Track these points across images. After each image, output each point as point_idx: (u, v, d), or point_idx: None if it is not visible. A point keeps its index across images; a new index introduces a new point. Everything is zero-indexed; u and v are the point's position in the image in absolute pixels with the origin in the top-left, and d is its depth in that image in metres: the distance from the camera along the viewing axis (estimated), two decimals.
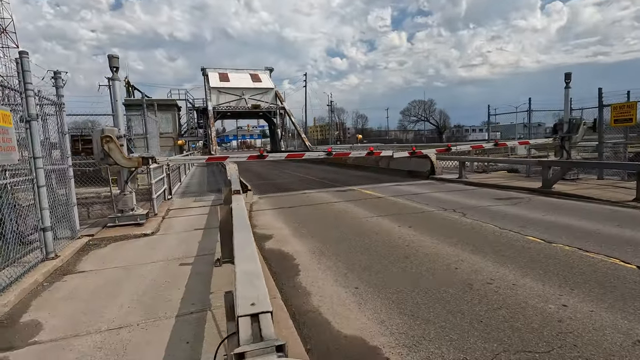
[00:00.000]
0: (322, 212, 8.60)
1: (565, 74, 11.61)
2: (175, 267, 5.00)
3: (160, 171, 10.40)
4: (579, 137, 11.38)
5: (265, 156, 8.21)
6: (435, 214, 7.78)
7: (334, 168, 21.38)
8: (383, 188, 12.21)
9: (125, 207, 7.39)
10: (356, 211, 8.45)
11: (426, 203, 9.11)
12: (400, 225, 6.90)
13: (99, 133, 6.92)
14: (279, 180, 16.28)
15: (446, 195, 10.31)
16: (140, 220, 7.47)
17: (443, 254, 5.17)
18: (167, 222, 7.89)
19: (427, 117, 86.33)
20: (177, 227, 7.44)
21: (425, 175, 14.63)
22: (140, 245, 6.18)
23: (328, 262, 5.07)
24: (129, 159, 7.11)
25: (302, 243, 6.08)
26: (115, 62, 7.21)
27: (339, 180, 15.23)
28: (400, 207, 8.70)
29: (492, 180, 12.66)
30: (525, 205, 8.40)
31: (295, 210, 8.92)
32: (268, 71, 46.57)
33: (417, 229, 6.58)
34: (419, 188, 11.87)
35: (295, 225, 7.41)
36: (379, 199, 10.02)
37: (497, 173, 14.98)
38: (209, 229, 7.17)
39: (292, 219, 8.01)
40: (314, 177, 16.80)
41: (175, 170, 14.63)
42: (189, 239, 6.44)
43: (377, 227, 6.84)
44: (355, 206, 9.09)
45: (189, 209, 9.50)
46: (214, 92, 40.55)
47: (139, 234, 6.78)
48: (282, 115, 42.92)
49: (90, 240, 6.43)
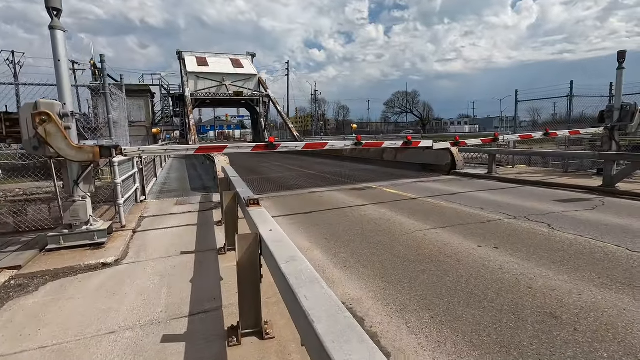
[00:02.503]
0: (353, 220, 6.47)
1: (618, 53, 9.87)
2: (154, 346, 2.76)
3: (130, 165, 7.95)
4: (635, 126, 9.72)
5: (276, 146, 5.97)
6: (511, 226, 5.81)
7: (330, 160, 19.23)
8: (405, 185, 10.20)
9: (76, 219, 5.00)
10: (398, 220, 6.37)
11: (479, 207, 7.15)
12: (479, 245, 4.88)
13: (29, 108, 4.48)
14: (274, 175, 13.98)
15: (492, 195, 8.39)
16: (99, 238, 5.10)
17: (606, 307, 3.17)
18: (140, 240, 5.55)
19: (411, 108, 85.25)
20: (154, 248, 5.12)
21: (446, 169, 12.74)
22: (95, 287, 3.86)
23: (426, 331, 2.95)
24: (79, 148, 4.71)
25: (354, 280, 3.94)
26: (56, 2, 4.75)
27: (345, 175, 13.11)
28: (451, 214, 6.69)
29: (528, 176, 10.89)
30: (608, 210, 6.57)
31: (315, 218, 6.75)
32: (250, 56, 43.56)
33: (511, 252, 4.57)
34: (450, 186, 9.92)
35: (325, 243, 5.25)
36: (412, 201, 7.98)
37: (521, 167, 13.29)
38: (202, 252, 4.90)
39: (317, 231, 5.84)
40: (314, 171, 14.62)
41: (149, 163, 12.08)
42: (175, 273, 4.17)
43: (449, 249, 4.78)
44: (391, 211, 7.01)
45: (170, 216, 7.14)
46: (192, 78, 37.31)
47: (96, 264, 4.44)
48: (265, 103, 40.24)
49: (13, 279, 4.05)
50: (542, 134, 8.88)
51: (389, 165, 15.83)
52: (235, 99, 37.75)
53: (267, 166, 17.71)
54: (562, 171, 11.50)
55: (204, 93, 36.67)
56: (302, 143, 6.43)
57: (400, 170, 13.81)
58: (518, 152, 12.16)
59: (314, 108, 63.41)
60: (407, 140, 7.36)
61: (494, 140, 8.64)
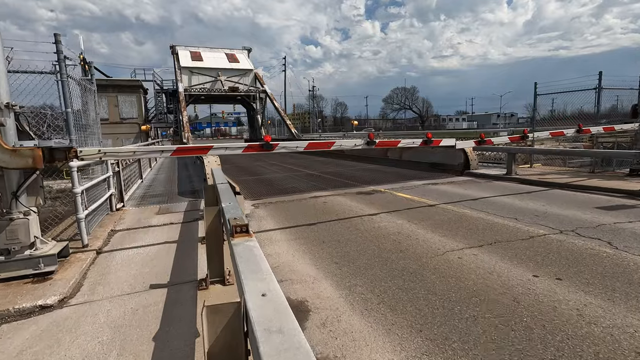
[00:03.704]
0: (366, 235, 5.37)
1: None
2: None
3: (103, 168, 6.81)
4: None
5: (273, 147, 4.84)
6: (562, 244, 4.72)
7: (330, 159, 18.10)
8: (418, 189, 9.11)
9: (13, 242, 3.87)
10: (421, 235, 5.27)
11: (512, 217, 6.07)
12: (535, 275, 3.79)
13: None
14: (271, 175, 12.84)
15: (521, 201, 7.31)
16: (47, 266, 3.98)
17: None
18: (102, 265, 4.42)
19: (410, 105, 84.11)
20: (117, 279, 4.00)
21: (458, 169, 11.66)
22: (16, 351, 2.74)
23: None
24: (13, 151, 3.58)
25: (382, 334, 2.83)
26: None
27: (348, 175, 12.01)
28: (482, 226, 5.60)
29: (552, 177, 9.82)
30: None
31: (320, 232, 5.64)
32: (246, 51, 42.28)
33: (582, 287, 3.48)
34: (469, 189, 8.84)
35: (336, 269, 4.15)
36: (431, 209, 6.89)
37: (539, 167, 12.23)
38: (178, 285, 3.79)
39: (323, 251, 4.74)
40: (313, 171, 13.50)
41: (133, 163, 10.92)
42: (134, 324, 3.05)
43: (498, 280, 3.69)
44: (410, 222, 5.91)
45: (147, 229, 6.01)
46: (186, 73, 36.02)
47: (31, 307, 3.32)
48: (262, 99, 39.00)
49: None
50: (575, 130, 7.81)
51: (394, 164, 14.73)
52: (231, 94, 36.56)
53: (263, 165, 16.57)
54: (588, 171, 10.44)
55: (199, 89, 35.44)
56: (304, 142, 5.31)
57: (407, 170, 12.72)
58: (549, 151, 11.03)
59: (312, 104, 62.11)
60: (427, 139, 6.26)
61: (522, 138, 7.56)
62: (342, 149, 5.57)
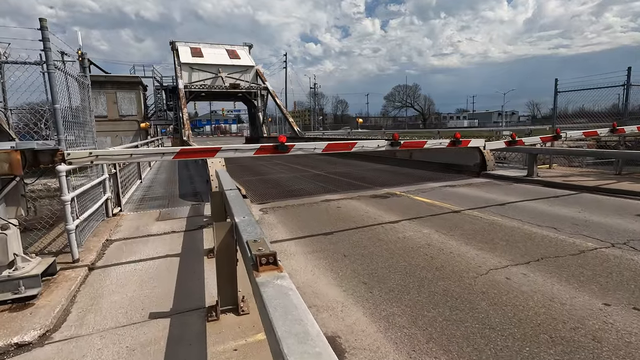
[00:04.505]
0: (391, 247, 4.78)
1: None
2: None
3: (99, 170, 6.22)
4: None
5: (289, 148, 4.25)
6: (620, 261, 4.13)
7: (335, 157, 17.46)
8: (435, 192, 8.52)
9: None
10: (454, 247, 4.68)
11: (550, 225, 5.49)
12: (606, 303, 3.20)
13: None
14: (276, 175, 12.24)
15: (552, 206, 6.72)
16: (29, 289, 3.40)
17: None
18: (94, 286, 3.83)
19: (411, 102, 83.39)
20: (110, 305, 3.40)
21: (474, 170, 11.07)
22: None
23: None
24: None
25: None
26: None
27: (357, 176, 11.42)
28: (521, 238, 5.02)
29: (577, 179, 9.24)
30: None
31: (340, 243, 5.05)
32: (247, 47, 41.57)
33: None
34: (491, 192, 8.25)
35: (365, 291, 3.56)
36: (457, 216, 6.30)
37: (558, 168, 11.65)
38: (182, 314, 3.20)
39: (347, 267, 4.15)
40: (320, 171, 12.90)
41: (131, 163, 10.30)
42: None
43: (563, 311, 3.10)
44: (438, 232, 5.32)
45: (147, 239, 5.41)
46: (186, 69, 35.35)
47: (4, 346, 2.73)
48: (263, 97, 38.34)
49: None
50: (609, 130, 7.21)
51: (403, 164, 14.13)
52: (232, 91, 35.87)
53: (265, 164, 15.95)
54: (614, 173, 9.87)
55: (199, 85, 34.76)
56: (323, 143, 4.70)
57: (419, 171, 12.14)
58: (581, 152, 10.41)
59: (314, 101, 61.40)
60: (455, 139, 5.67)
61: (554, 138, 6.96)
62: (363, 150, 4.97)
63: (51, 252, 4.59)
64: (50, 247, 4.91)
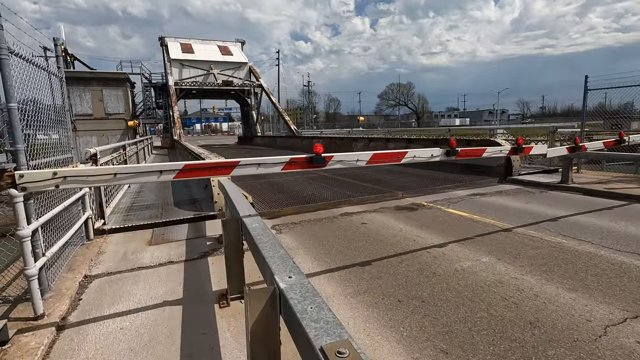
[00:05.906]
0: (458, 290, 3.74)
1: None
2: None
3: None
4: None
5: (325, 161, 3.17)
6: None
7: None
8: (467, 202, 7.52)
9: None
10: (535, 287, 3.66)
11: (633, 251, 4.51)
12: None
13: None
14: (278, 178, 11.09)
15: (615, 223, 5.76)
16: None
17: None
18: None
19: (405, 101, 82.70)
20: None
21: (498, 172, 10.12)
22: None
23: None
24: None
25: None
26: None
27: (369, 178, 10.35)
28: (611, 272, 4.01)
29: (616, 185, 8.35)
30: None
31: (385, 279, 3.99)
32: (239, 44, 40.15)
33: None
34: (530, 203, 7.27)
35: None
36: (509, 236, 5.30)
37: (594, 173, 10.79)
38: None
39: (415, 326, 3.08)
40: (325, 173, 11.76)
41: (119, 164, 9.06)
42: None
43: None
44: (501, 262, 4.30)
45: (137, 273, 4.27)
46: (176, 65, 33.87)
47: None
48: (257, 94, 37.03)
49: None
50: None
51: (416, 165, 13.13)
52: (225, 89, 34.48)
53: None
54: None
55: (190, 82, 33.33)
56: (367, 154, 3.64)
57: (435, 172, 11.16)
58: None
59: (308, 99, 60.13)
60: (517, 146, 4.66)
61: (617, 143, 6.00)
62: (415, 161, 3.91)
63: (5, 301, 3.42)
64: (5, 291, 3.74)
